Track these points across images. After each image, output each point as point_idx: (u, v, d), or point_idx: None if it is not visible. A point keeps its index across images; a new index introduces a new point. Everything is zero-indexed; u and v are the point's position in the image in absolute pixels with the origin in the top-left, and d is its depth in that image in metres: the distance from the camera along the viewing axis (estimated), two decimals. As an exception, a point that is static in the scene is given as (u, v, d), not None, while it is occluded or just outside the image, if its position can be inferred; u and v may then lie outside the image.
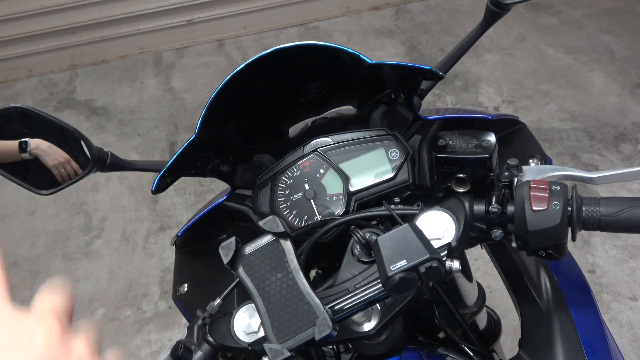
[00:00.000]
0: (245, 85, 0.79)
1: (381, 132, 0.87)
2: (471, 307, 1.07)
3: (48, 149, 0.90)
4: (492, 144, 0.84)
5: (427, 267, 0.64)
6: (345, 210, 0.84)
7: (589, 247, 2.31)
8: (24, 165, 0.91)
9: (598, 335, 0.87)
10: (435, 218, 0.75)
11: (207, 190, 2.80)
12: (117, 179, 2.92)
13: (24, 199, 2.93)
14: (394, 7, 3.92)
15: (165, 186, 0.85)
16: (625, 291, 2.17)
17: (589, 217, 0.71)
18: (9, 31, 3.65)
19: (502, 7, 0.91)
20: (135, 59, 3.83)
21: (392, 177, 0.85)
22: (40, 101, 3.58)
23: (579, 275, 0.99)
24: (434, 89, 0.99)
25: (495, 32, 3.47)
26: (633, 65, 3.16)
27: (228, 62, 3.67)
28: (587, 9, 3.62)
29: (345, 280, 0.75)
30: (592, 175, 0.79)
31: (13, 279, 2.56)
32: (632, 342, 2.02)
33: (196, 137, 0.79)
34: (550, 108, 2.98)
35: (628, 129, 2.79)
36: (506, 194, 0.77)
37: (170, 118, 3.31)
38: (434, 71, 0.78)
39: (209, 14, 3.80)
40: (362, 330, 0.77)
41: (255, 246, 0.74)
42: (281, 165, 0.89)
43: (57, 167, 0.90)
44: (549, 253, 0.74)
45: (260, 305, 0.71)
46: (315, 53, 0.78)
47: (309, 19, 3.91)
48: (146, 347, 2.21)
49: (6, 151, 0.89)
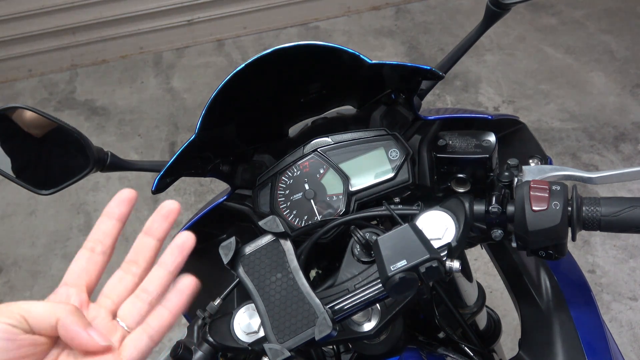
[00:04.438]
0: (245, 85, 0.79)
1: (381, 132, 0.87)
2: (471, 307, 1.07)
3: None
4: (492, 144, 0.84)
5: (427, 267, 0.64)
6: (345, 210, 0.84)
7: (589, 247, 2.31)
8: (24, 165, 0.91)
9: (598, 335, 0.87)
10: (435, 218, 0.75)
11: (207, 190, 2.80)
12: (117, 179, 2.92)
13: (24, 199, 2.93)
14: (394, 7, 3.92)
15: (165, 186, 0.85)
16: (625, 291, 2.17)
17: (589, 217, 0.71)
18: (9, 31, 3.65)
19: (502, 7, 0.91)
20: (135, 59, 3.83)
21: (392, 177, 0.85)
22: (40, 101, 3.57)
23: (579, 275, 0.99)
24: (434, 89, 0.99)
25: (495, 32, 3.47)
26: (633, 65, 3.16)
27: (228, 62, 3.67)
28: (587, 9, 3.62)
29: (345, 280, 0.75)
30: (592, 175, 0.79)
31: (13, 279, 2.57)
32: (632, 342, 2.02)
33: (196, 137, 0.78)
34: (550, 108, 2.98)
35: (628, 129, 2.79)
36: (506, 194, 0.77)
37: (170, 118, 3.31)
38: (434, 71, 0.78)
39: (209, 14, 3.80)
40: (362, 330, 0.77)
41: (255, 246, 0.74)
42: (281, 165, 0.89)
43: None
44: (549, 253, 0.74)
45: (260, 305, 0.71)
46: (315, 53, 0.78)
47: (309, 19, 3.91)
48: (146, 347, 2.21)
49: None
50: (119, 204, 0.55)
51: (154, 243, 0.54)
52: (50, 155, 0.92)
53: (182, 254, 0.54)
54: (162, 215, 0.55)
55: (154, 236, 0.54)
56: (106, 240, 0.54)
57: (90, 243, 0.54)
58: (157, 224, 0.55)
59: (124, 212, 0.55)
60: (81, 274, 0.52)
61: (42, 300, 0.50)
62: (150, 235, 0.54)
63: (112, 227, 0.55)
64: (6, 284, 2.58)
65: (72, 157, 0.90)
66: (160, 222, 0.55)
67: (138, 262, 0.54)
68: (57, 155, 0.92)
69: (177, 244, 0.54)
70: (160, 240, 0.55)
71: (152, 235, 0.54)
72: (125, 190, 0.56)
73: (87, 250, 0.53)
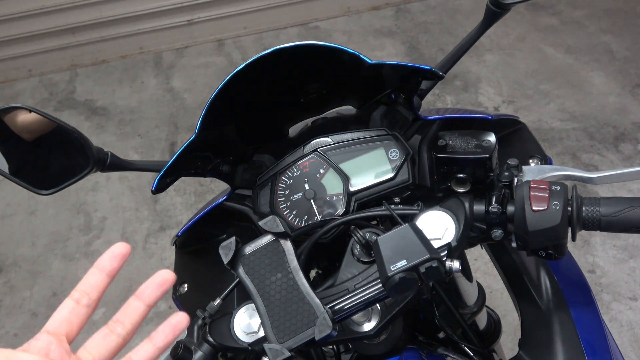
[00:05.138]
0: (245, 85, 0.79)
1: (381, 132, 0.87)
2: (471, 307, 1.07)
3: None
4: (492, 144, 0.84)
5: (427, 267, 0.64)
6: (345, 210, 0.84)
7: (589, 247, 2.31)
8: (24, 165, 0.91)
9: (598, 335, 0.87)
10: (435, 218, 0.75)
11: (207, 190, 2.80)
12: (117, 179, 2.92)
13: (24, 199, 2.93)
14: (394, 7, 3.92)
15: (165, 186, 0.85)
16: (625, 291, 2.17)
17: (589, 217, 0.71)
18: (9, 31, 3.65)
19: (502, 7, 0.91)
20: (135, 59, 3.83)
21: (392, 177, 0.85)
22: (40, 101, 3.57)
23: (579, 275, 0.99)
24: (434, 89, 0.99)
25: (495, 32, 3.47)
26: (633, 65, 3.16)
27: (228, 62, 3.67)
28: (587, 9, 3.62)
29: (345, 280, 0.75)
30: (592, 175, 0.79)
31: (13, 279, 2.58)
32: (632, 342, 2.03)
33: (196, 137, 0.79)
34: (550, 108, 2.98)
35: (628, 129, 2.79)
36: (506, 194, 0.77)
37: (170, 118, 3.31)
38: (434, 71, 0.78)
39: (209, 14, 3.80)
40: (362, 330, 0.77)
41: (255, 246, 0.74)
42: (281, 165, 0.89)
43: None
44: (549, 253, 0.74)
45: (260, 305, 0.71)
46: (315, 53, 0.78)
47: (309, 19, 3.91)
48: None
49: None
50: (111, 258, 0.56)
51: (142, 308, 0.56)
52: (51, 155, 0.92)
53: (174, 333, 0.55)
54: (157, 284, 0.56)
55: (144, 302, 0.56)
56: (93, 293, 0.55)
57: (76, 294, 0.54)
58: (150, 290, 0.56)
59: (115, 267, 0.56)
60: (63, 324, 0.53)
61: (23, 342, 0.51)
62: (141, 300, 0.56)
63: (101, 282, 0.55)
64: (6, 284, 2.58)
65: (72, 157, 0.90)
66: (153, 289, 0.56)
67: (124, 324, 0.55)
68: (57, 155, 0.92)
69: (172, 323, 0.55)
70: (149, 307, 0.56)
71: (143, 300, 0.56)
72: (120, 245, 0.56)
73: (73, 300, 0.54)
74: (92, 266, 0.55)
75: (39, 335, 0.52)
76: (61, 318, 0.53)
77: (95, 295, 0.55)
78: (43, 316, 2.41)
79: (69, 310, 0.54)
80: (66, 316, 0.53)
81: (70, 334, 0.53)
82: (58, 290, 2.51)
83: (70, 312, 0.54)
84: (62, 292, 2.48)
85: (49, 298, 2.48)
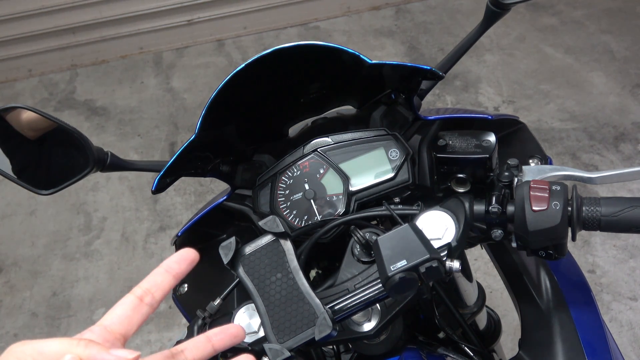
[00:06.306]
0: (245, 85, 0.79)
1: (381, 132, 0.87)
2: (471, 307, 1.07)
3: None
4: (492, 144, 0.84)
5: (427, 267, 0.64)
6: (345, 210, 0.84)
7: (589, 247, 2.31)
8: (24, 165, 0.91)
9: (598, 335, 0.87)
10: (435, 218, 0.75)
11: (207, 190, 2.80)
12: (117, 179, 2.92)
13: (24, 199, 2.93)
14: (394, 7, 3.92)
15: (165, 186, 0.85)
16: (625, 291, 2.17)
17: (589, 217, 0.71)
18: (9, 31, 3.65)
19: (502, 7, 0.91)
20: (135, 59, 3.83)
21: (392, 177, 0.85)
22: (40, 101, 3.57)
23: (579, 275, 0.99)
24: (434, 89, 0.99)
25: (495, 32, 3.47)
26: (633, 65, 3.16)
27: (228, 62, 3.67)
28: (587, 9, 3.62)
29: (345, 280, 0.75)
30: (592, 175, 0.79)
31: (13, 279, 2.58)
32: (632, 342, 2.03)
33: (196, 137, 0.79)
34: (550, 108, 2.98)
35: (628, 129, 2.79)
36: (506, 194, 0.77)
37: (170, 118, 3.31)
38: (434, 71, 0.78)
39: (209, 14, 3.80)
40: (362, 330, 0.77)
41: (255, 246, 0.74)
42: (281, 165, 0.89)
43: None
44: (549, 253, 0.74)
45: (260, 305, 0.71)
46: (315, 53, 0.78)
47: (309, 19, 3.91)
48: (146, 347, 2.21)
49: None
50: (180, 261, 0.54)
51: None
52: (50, 156, 0.92)
53: (233, 342, 0.54)
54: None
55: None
56: (157, 293, 0.52)
57: (139, 290, 0.52)
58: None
59: (182, 270, 0.54)
60: (123, 321, 0.50)
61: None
62: (168, 272, 0.54)
63: (167, 282, 0.53)
64: (6, 284, 2.58)
65: (72, 157, 0.90)
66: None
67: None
68: (57, 155, 0.92)
69: (230, 332, 0.54)
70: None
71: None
72: (189, 250, 0.55)
73: (136, 297, 0.51)
74: (159, 266, 0.53)
75: (94, 328, 0.49)
76: (122, 314, 0.50)
77: (159, 295, 0.52)
78: (43, 316, 2.41)
79: (131, 306, 0.50)
80: (128, 313, 0.50)
81: (128, 333, 0.50)
82: (58, 290, 2.51)
83: (133, 308, 0.50)
84: (62, 292, 2.49)
85: (49, 298, 2.48)
